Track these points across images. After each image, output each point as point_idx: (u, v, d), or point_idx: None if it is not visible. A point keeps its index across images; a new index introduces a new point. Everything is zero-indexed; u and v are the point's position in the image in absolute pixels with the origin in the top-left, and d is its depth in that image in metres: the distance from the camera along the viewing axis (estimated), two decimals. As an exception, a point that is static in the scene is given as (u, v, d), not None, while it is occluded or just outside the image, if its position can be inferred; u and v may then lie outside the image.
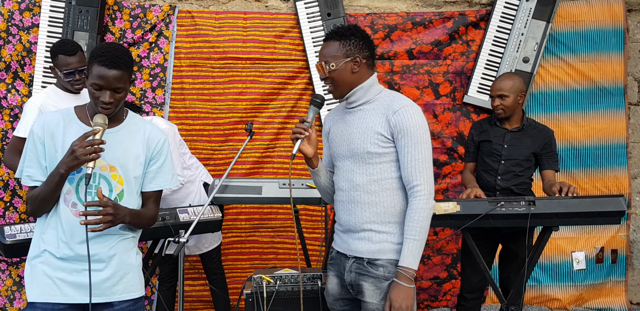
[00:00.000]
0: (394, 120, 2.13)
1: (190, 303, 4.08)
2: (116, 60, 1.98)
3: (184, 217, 3.07)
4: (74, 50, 3.08)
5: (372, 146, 2.15)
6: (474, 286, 3.29)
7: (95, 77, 1.98)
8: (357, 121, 2.22)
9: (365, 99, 2.23)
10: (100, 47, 2.04)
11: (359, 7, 4.20)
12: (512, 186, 3.19)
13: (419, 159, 2.12)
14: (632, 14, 4.28)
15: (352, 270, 2.22)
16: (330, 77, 2.20)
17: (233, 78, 4.09)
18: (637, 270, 4.37)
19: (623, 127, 4.20)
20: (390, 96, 2.22)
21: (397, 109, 2.13)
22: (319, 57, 2.22)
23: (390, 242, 2.17)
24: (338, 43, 2.19)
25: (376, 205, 2.17)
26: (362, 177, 2.18)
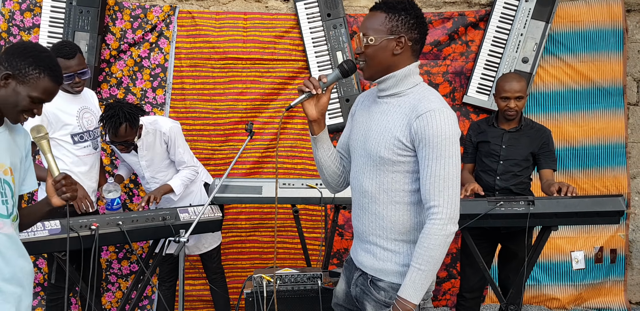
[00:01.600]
0: (415, 126, 1.78)
1: (190, 303, 4.09)
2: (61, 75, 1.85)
3: (184, 217, 3.08)
4: (72, 53, 3.04)
5: (386, 151, 1.84)
6: (474, 285, 3.30)
7: (41, 91, 1.78)
8: (379, 116, 1.91)
9: (395, 91, 1.90)
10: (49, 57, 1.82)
11: (359, 7, 4.21)
12: (511, 186, 3.20)
13: (439, 175, 1.76)
14: (631, 14, 4.29)
15: (357, 284, 2.02)
16: (366, 53, 1.86)
17: (233, 78, 4.10)
18: (636, 269, 4.38)
19: (622, 127, 4.21)
20: (421, 94, 1.86)
21: (422, 113, 1.78)
22: (360, 28, 1.89)
23: (394, 262, 1.90)
24: (385, 15, 1.84)
25: (383, 218, 1.90)
26: (371, 183, 1.90)
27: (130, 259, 4.06)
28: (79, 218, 2.85)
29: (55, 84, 1.82)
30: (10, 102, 1.78)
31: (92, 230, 2.80)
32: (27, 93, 1.77)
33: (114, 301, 4.05)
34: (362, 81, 4.13)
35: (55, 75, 1.81)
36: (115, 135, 3.06)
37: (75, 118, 3.18)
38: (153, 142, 3.31)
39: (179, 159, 3.37)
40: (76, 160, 3.19)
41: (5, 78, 1.76)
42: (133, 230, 2.92)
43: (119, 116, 3.01)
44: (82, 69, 3.09)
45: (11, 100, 1.77)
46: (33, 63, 1.77)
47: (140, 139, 3.24)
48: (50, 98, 1.84)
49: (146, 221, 2.97)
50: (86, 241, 2.79)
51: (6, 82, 1.76)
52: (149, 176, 3.40)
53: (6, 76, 1.76)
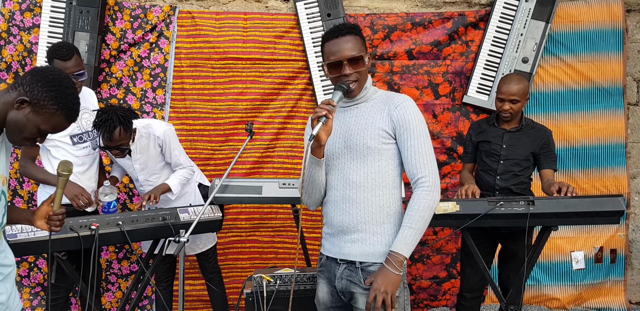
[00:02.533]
0: (396, 114, 2.09)
1: (190, 303, 4.09)
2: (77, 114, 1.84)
3: (184, 217, 3.08)
4: (69, 55, 3.00)
5: (372, 140, 2.09)
6: (474, 285, 3.30)
7: (52, 126, 1.77)
8: (355, 117, 2.16)
9: (365, 98, 2.19)
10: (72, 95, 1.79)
11: (358, 7, 4.21)
12: (511, 185, 3.20)
13: (422, 151, 2.06)
14: (631, 14, 4.29)
15: (343, 277, 2.14)
16: (361, 72, 2.12)
17: (233, 78, 4.10)
18: (636, 269, 4.38)
19: (622, 127, 4.21)
20: (388, 94, 2.20)
21: (399, 103, 2.11)
22: (345, 51, 2.08)
23: (384, 244, 2.09)
24: (359, 38, 2.13)
25: (372, 204, 2.10)
26: (358, 174, 2.10)
27: (130, 259, 4.06)
28: (79, 218, 2.85)
29: (67, 123, 1.81)
30: (18, 127, 1.75)
31: (92, 230, 2.80)
32: (36, 124, 1.75)
33: (114, 301, 4.05)
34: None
35: (71, 115, 1.79)
36: (109, 139, 3.03)
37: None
38: (147, 145, 3.30)
39: (174, 161, 3.37)
40: (75, 160, 3.18)
41: (21, 103, 1.73)
42: (133, 230, 2.92)
43: (113, 120, 2.99)
44: (79, 71, 3.06)
45: (19, 125, 1.75)
46: (54, 98, 1.74)
47: (134, 143, 3.23)
48: (56, 132, 1.83)
49: (146, 221, 2.97)
50: (86, 241, 2.79)
51: (20, 107, 1.73)
52: (143, 178, 3.39)
53: (23, 101, 1.73)
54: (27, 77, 1.75)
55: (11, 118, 1.74)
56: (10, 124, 1.75)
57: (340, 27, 2.13)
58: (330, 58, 2.11)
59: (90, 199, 3.05)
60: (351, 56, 2.08)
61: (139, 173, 3.37)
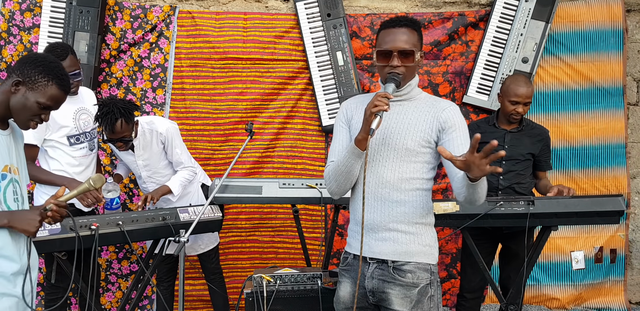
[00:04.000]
0: (444, 116, 2.07)
1: (190, 303, 4.09)
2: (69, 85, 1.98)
3: (184, 217, 3.08)
4: (64, 55, 2.98)
5: (412, 142, 2.06)
6: (474, 285, 3.30)
7: (48, 98, 1.92)
8: (396, 115, 2.11)
9: (409, 97, 2.15)
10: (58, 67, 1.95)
11: (358, 7, 4.21)
12: (514, 185, 3.19)
13: None
14: (631, 14, 4.29)
15: (374, 276, 2.08)
16: (410, 67, 2.07)
17: (233, 78, 4.10)
18: (636, 269, 4.38)
19: (622, 127, 4.21)
20: (433, 97, 2.18)
21: (446, 107, 2.11)
22: (395, 42, 2.04)
23: (417, 243, 2.06)
24: (417, 33, 2.09)
25: (405, 204, 2.06)
26: (393, 174, 2.06)
27: (130, 259, 4.06)
28: (79, 218, 2.85)
29: (62, 92, 1.94)
30: (20, 108, 1.91)
31: (92, 230, 2.80)
32: (35, 99, 1.90)
33: (114, 301, 4.05)
34: (362, 81, 4.13)
35: (62, 84, 1.94)
36: (112, 131, 3.04)
37: (72, 120, 3.18)
38: (150, 142, 3.31)
39: (176, 159, 3.37)
40: (72, 161, 3.19)
41: (15, 84, 1.90)
42: (133, 230, 2.92)
43: (114, 112, 2.99)
44: (75, 71, 3.05)
45: (21, 105, 1.91)
46: (43, 71, 1.90)
47: (137, 139, 3.23)
48: (58, 106, 1.96)
49: (146, 221, 2.97)
50: (86, 241, 2.79)
51: (17, 89, 1.90)
52: (146, 175, 3.39)
53: (17, 83, 1.89)
54: (15, 65, 1.94)
55: (13, 103, 1.91)
56: (14, 109, 1.92)
57: (400, 18, 2.10)
58: (381, 46, 2.07)
59: (99, 197, 3.05)
60: (402, 48, 2.04)
61: (141, 170, 3.37)
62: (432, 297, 2.06)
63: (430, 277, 2.08)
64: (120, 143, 3.13)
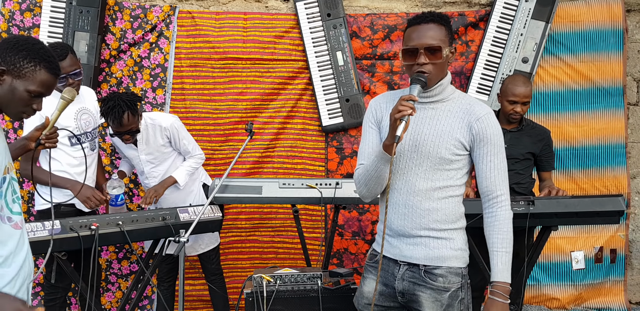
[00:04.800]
0: (477, 127, 1.99)
1: (190, 303, 4.09)
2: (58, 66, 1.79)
3: (184, 217, 3.08)
4: (63, 55, 2.96)
5: (446, 151, 1.98)
6: (474, 285, 3.27)
7: (39, 84, 1.72)
8: (429, 120, 2.03)
9: (441, 97, 2.05)
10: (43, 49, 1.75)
11: (358, 7, 4.21)
12: (513, 184, 3.19)
13: (501, 168, 2.00)
14: (631, 14, 4.29)
15: (404, 278, 2.07)
16: (437, 64, 1.97)
17: (233, 78, 4.10)
18: (636, 269, 4.38)
19: (622, 127, 4.21)
20: (468, 99, 2.06)
21: (481, 115, 2.00)
22: (421, 38, 1.95)
23: (449, 248, 2.04)
24: (444, 28, 1.99)
25: (437, 212, 2.02)
26: (425, 182, 2.01)
27: (130, 259, 4.06)
28: (79, 218, 2.85)
29: (52, 76, 1.75)
30: (9, 99, 1.71)
31: (92, 230, 2.80)
32: (24, 88, 1.70)
33: (114, 301, 4.05)
34: (362, 81, 4.13)
35: (51, 66, 1.75)
36: (120, 124, 3.06)
37: (73, 120, 3.18)
38: (153, 136, 3.33)
39: (184, 149, 3.43)
40: (73, 161, 3.19)
41: (0, 74, 1.69)
42: (133, 230, 2.92)
43: (120, 105, 3.01)
44: (75, 70, 3.03)
45: (9, 97, 1.71)
46: (27, 56, 1.70)
47: (140, 133, 3.25)
48: (49, 92, 1.78)
49: (146, 221, 2.98)
50: (86, 241, 2.79)
51: (1, 79, 1.69)
52: (148, 170, 3.40)
53: (1, 72, 1.69)
54: None
55: (0, 94, 1.71)
56: (2, 101, 1.72)
57: (426, 14, 2.02)
58: (407, 43, 1.98)
59: (102, 199, 3.05)
60: (428, 44, 1.94)
61: (144, 164, 3.38)
62: (462, 300, 2.07)
63: (461, 281, 2.07)
64: (128, 136, 3.15)
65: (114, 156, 4.02)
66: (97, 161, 3.41)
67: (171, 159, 3.45)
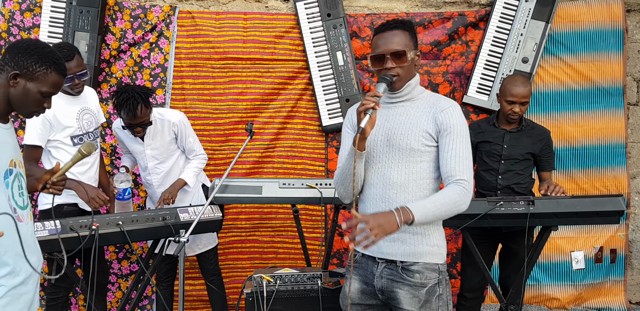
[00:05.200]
0: (440, 118, 2.08)
1: (190, 303, 4.09)
2: (65, 68, 1.96)
3: (184, 217, 3.08)
4: (70, 55, 3.01)
5: (416, 142, 2.08)
6: (474, 285, 3.30)
7: (50, 85, 1.89)
8: (399, 116, 2.15)
9: (410, 97, 2.17)
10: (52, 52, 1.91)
11: (358, 7, 4.21)
12: (512, 185, 3.20)
13: (464, 156, 2.05)
14: (631, 14, 4.29)
15: (383, 276, 2.12)
16: (404, 67, 2.10)
17: (233, 78, 4.10)
18: (636, 269, 4.38)
19: (622, 127, 4.21)
20: (435, 96, 2.19)
21: (445, 107, 2.10)
22: (387, 45, 2.09)
23: (425, 244, 2.08)
24: (408, 33, 2.13)
25: None
26: (399, 175, 2.08)
27: (130, 259, 4.06)
28: (79, 218, 2.85)
29: (62, 77, 1.92)
30: (24, 101, 1.88)
31: (92, 230, 2.80)
32: (37, 89, 1.87)
33: (114, 301, 4.05)
34: (362, 81, 4.13)
35: (60, 68, 1.91)
36: (134, 116, 3.10)
37: (76, 120, 3.18)
38: (161, 131, 3.35)
39: (189, 147, 3.45)
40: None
41: (14, 77, 1.85)
42: (133, 230, 2.92)
43: (134, 97, 3.07)
44: (81, 71, 3.08)
45: (23, 97, 1.87)
46: (39, 60, 1.86)
47: (148, 128, 3.28)
48: (58, 91, 1.94)
49: (146, 221, 2.97)
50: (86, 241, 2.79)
51: (15, 82, 1.85)
52: (152, 165, 3.41)
53: (15, 75, 1.84)
54: (5, 56, 1.87)
55: (13, 96, 1.87)
56: (15, 101, 1.88)
57: (390, 21, 2.15)
58: (374, 51, 2.12)
59: (106, 199, 3.06)
60: (394, 50, 2.08)
61: (149, 160, 3.40)
62: (440, 296, 2.09)
63: (438, 276, 2.10)
64: (139, 128, 3.20)
65: (114, 156, 4.02)
66: (100, 161, 3.42)
67: (175, 157, 3.45)
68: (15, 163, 1.91)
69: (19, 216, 1.88)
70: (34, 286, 1.96)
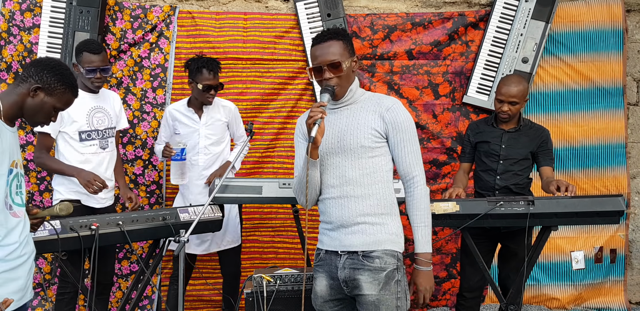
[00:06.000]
0: (388, 116, 2.22)
1: (190, 303, 4.09)
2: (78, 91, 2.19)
3: (184, 217, 3.08)
4: (99, 50, 3.20)
5: (366, 140, 2.20)
6: (473, 285, 3.30)
7: (64, 103, 2.13)
8: (346, 118, 2.26)
9: (353, 100, 2.29)
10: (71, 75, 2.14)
11: (358, 7, 4.22)
12: (511, 185, 3.20)
13: (414, 151, 2.24)
14: (631, 14, 4.29)
15: (345, 267, 2.20)
16: (342, 77, 2.22)
17: (233, 78, 4.11)
18: (636, 269, 4.38)
19: (622, 127, 4.21)
20: (377, 96, 2.31)
21: (390, 106, 2.24)
22: (323, 56, 2.21)
23: (384, 233, 2.21)
24: (342, 42, 2.25)
25: (369, 197, 2.21)
26: (354, 171, 2.21)
27: (130, 259, 4.06)
28: (79, 218, 2.85)
29: (74, 97, 2.17)
30: (37, 111, 2.09)
31: (92, 230, 2.80)
32: (52, 104, 2.10)
33: (114, 301, 4.05)
34: (362, 81, 4.13)
35: (75, 90, 2.16)
36: (215, 75, 3.38)
37: (85, 116, 3.24)
38: (217, 113, 3.53)
39: (239, 134, 3.67)
40: (79, 157, 3.23)
41: (35, 90, 2.06)
42: (133, 230, 2.92)
43: (213, 59, 3.44)
44: (105, 66, 3.22)
45: (38, 108, 2.08)
46: (61, 80, 2.09)
47: (207, 107, 3.49)
48: (66, 108, 2.18)
49: (146, 221, 2.97)
50: (86, 241, 2.79)
51: (35, 94, 2.06)
52: (204, 144, 3.50)
53: (37, 88, 2.06)
54: (31, 69, 2.08)
55: (29, 105, 2.07)
56: (29, 110, 2.08)
57: (324, 32, 2.29)
58: (312, 63, 2.25)
59: (105, 183, 3.07)
60: (330, 61, 2.19)
61: (201, 138, 3.49)
62: (399, 281, 2.20)
63: (397, 263, 2.21)
64: (214, 92, 3.43)
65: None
66: (117, 162, 3.46)
67: (225, 142, 3.61)
68: (16, 163, 2.06)
69: (15, 213, 2.04)
70: (25, 274, 2.07)
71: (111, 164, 3.38)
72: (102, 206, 3.30)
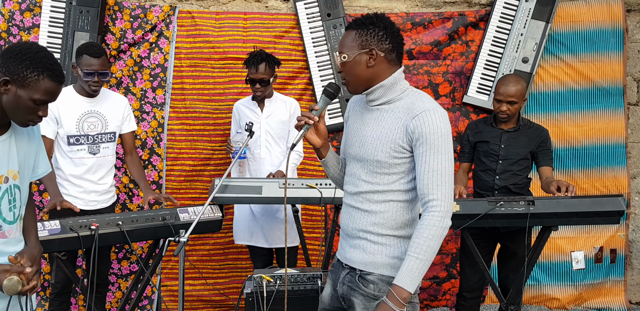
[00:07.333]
0: (412, 125, 1.88)
1: (190, 303, 4.09)
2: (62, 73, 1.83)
3: (184, 217, 3.08)
4: (99, 53, 3.14)
5: (383, 154, 1.93)
6: (473, 285, 3.30)
7: (43, 92, 1.76)
8: (373, 123, 2.01)
9: (385, 99, 1.99)
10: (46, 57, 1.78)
11: (358, 7, 4.21)
12: (510, 185, 3.20)
13: (437, 170, 1.85)
14: (632, 14, 4.29)
15: (344, 282, 2.08)
16: (344, 70, 1.98)
17: (233, 78, 4.10)
18: (636, 269, 4.38)
19: (622, 127, 4.21)
20: (413, 98, 1.97)
21: (418, 113, 1.88)
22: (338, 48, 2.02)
23: (384, 255, 1.98)
24: (355, 32, 1.98)
25: (375, 215, 1.98)
26: (366, 185, 1.99)
27: (130, 259, 4.06)
28: (79, 218, 2.85)
29: (56, 83, 1.79)
30: (15, 108, 1.77)
31: (92, 230, 2.80)
32: (29, 96, 1.75)
33: (114, 301, 4.05)
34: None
35: (54, 74, 1.78)
36: (256, 70, 3.41)
37: (76, 120, 3.19)
38: (278, 108, 3.59)
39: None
40: (69, 161, 3.22)
41: (4, 84, 1.74)
42: (133, 230, 2.92)
43: (261, 55, 3.45)
44: (104, 70, 3.17)
45: (14, 104, 1.76)
46: (30, 66, 1.73)
47: (268, 100, 3.57)
48: (54, 98, 1.82)
49: (146, 221, 2.97)
50: (86, 241, 2.79)
51: (6, 89, 1.75)
52: (265, 139, 3.56)
53: (5, 82, 1.74)
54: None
55: (5, 103, 1.77)
56: (7, 108, 1.79)
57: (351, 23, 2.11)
58: None
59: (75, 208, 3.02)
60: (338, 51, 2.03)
61: (262, 132, 3.55)
62: None
63: None
64: (259, 86, 3.44)
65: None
66: (129, 165, 3.44)
67: (280, 149, 3.61)
68: (6, 177, 1.83)
69: (3, 233, 1.85)
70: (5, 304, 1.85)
71: (103, 169, 3.31)
72: (91, 209, 3.26)
